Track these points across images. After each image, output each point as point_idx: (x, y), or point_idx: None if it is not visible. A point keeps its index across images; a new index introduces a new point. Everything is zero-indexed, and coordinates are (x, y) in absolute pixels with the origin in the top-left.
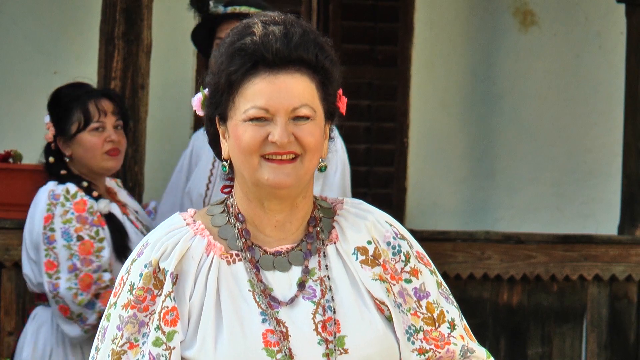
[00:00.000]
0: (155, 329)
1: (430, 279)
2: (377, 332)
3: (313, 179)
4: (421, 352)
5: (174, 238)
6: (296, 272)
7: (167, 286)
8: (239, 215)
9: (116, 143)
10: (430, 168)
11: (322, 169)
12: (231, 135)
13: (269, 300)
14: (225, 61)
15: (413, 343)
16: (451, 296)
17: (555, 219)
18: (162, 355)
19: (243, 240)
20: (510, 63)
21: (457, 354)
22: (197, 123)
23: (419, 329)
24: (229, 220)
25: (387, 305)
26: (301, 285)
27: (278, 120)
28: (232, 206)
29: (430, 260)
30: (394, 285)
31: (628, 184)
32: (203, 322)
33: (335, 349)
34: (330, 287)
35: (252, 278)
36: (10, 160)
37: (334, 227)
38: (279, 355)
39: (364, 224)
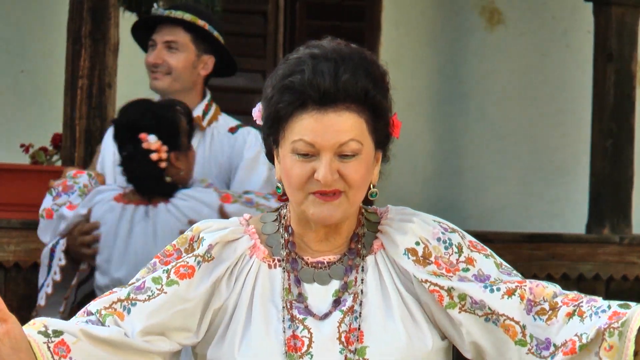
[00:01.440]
0: (163, 270)
1: (486, 263)
2: (399, 342)
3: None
4: (509, 293)
5: (225, 226)
6: (334, 285)
7: (199, 251)
8: (289, 228)
9: None
10: (397, 167)
11: (372, 195)
12: (282, 162)
13: (300, 309)
14: (275, 95)
15: (498, 290)
16: (514, 271)
17: (522, 217)
18: (151, 290)
19: (287, 250)
20: (476, 62)
21: (546, 287)
22: None
23: (496, 280)
24: (278, 229)
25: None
26: (337, 301)
27: (323, 157)
28: (284, 217)
29: (484, 246)
30: (451, 277)
31: (595, 182)
32: (234, 322)
33: (355, 357)
34: (361, 302)
35: (287, 286)
36: None
37: (376, 238)
38: None
39: (410, 226)
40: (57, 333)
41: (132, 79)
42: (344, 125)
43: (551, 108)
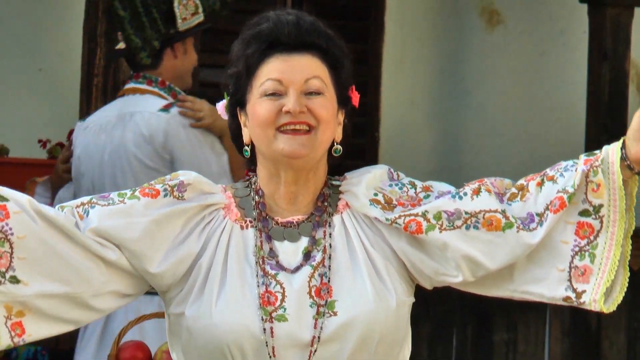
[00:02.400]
0: (130, 189)
1: (441, 185)
2: (366, 298)
3: (325, 158)
4: (476, 192)
5: (205, 180)
6: (304, 242)
7: (170, 183)
8: (259, 191)
9: None
10: (399, 162)
11: (336, 152)
12: (249, 115)
13: (272, 265)
14: (242, 47)
15: (465, 194)
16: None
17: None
18: (113, 199)
19: (258, 211)
20: (476, 61)
21: (503, 179)
22: None
23: (458, 189)
24: (249, 193)
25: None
26: (307, 255)
27: (291, 92)
28: (254, 183)
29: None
30: (418, 207)
31: None
32: (210, 280)
33: (325, 312)
34: (330, 255)
35: (259, 244)
36: None
37: (340, 199)
38: (273, 314)
39: (365, 180)
40: (3, 198)
41: None
42: (308, 65)
43: (548, 105)
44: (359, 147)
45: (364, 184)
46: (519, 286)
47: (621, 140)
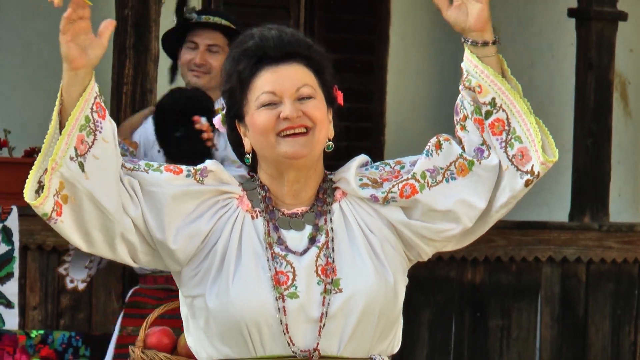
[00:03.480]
0: (158, 163)
1: (408, 157)
2: (367, 275)
3: (322, 155)
4: (437, 147)
5: (227, 171)
6: (308, 229)
7: (195, 167)
8: (264, 186)
9: None
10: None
11: (329, 147)
12: (249, 126)
13: (282, 248)
14: (233, 64)
15: (432, 151)
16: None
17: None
18: (139, 165)
19: (264, 204)
20: None
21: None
22: None
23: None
24: (255, 187)
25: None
26: (312, 239)
27: (286, 100)
28: (258, 179)
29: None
30: (401, 176)
31: (577, 177)
32: (226, 262)
33: (331, 290)
34: (332, 238)
35: (269, 232)
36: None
37: (336, 189)
38: (285, 292)
39: (354, 167)
40: (106, 105)
41: (169, 85)
42: (296, 73)
43: (538, 111)
44: (366, 150)
45: (353, 170)
46: (495, 206)
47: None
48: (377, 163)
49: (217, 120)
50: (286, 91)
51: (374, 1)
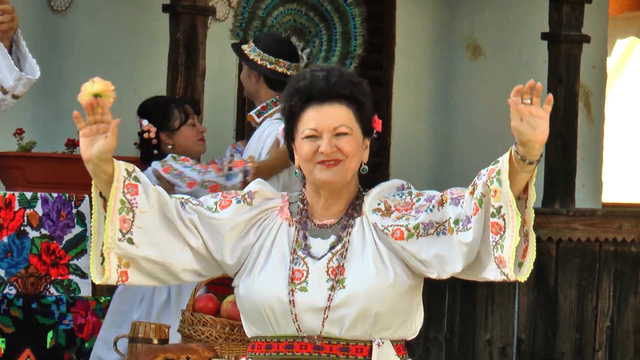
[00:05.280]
0: (214, 202)
1: (429, 192)
2: (369, 275)
3: (356, 177)
4: (440, 204)
5: (270, 188)
6: (332, 239)
7: (241, 192)
8: (304, 200)
9: (202, 133)
10: (406, 160)
11: (363, 170)
12: (296, 149)
13: (304, 253)
14: (288, 99)
15: (434, 207)
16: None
17: None
18: (202, 205)
19: (300, 216)
20: (463, 84)
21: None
22: (238, 128)
23: (433, 199)
24: (297, 201)
25: (411, 228)
26: (331, 247)
27: (324, 136)
28: (302, 194)
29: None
30: (410, 212)
31: (549, 171)
32: (258, 260)
33: (336, 287)
34: (347, 247)
35: (297, 239)
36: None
37: (363, 205)
38: (297, 287)
39: (374, 193)
40: (137, 179)
41: (214, 95)
42: (336, 114)
43: None
44: (373, 151)
45: (372, 195)
46: (478, 276)
47: (512, 148)
48: (405, 191)
49: (281, 129)
50: (325, 129)
51: (382, 26)
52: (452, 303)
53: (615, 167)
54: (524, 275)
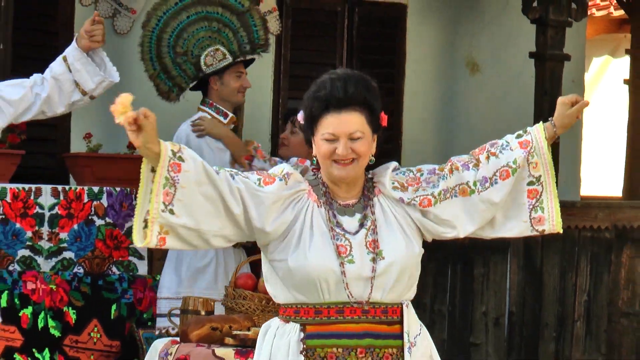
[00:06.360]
0: (257, 178)
1: (425, 165)
2: (401, 246)
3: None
4: (450, 171)
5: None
6: (357, 216)
7: (280, 175)
8: (325, 183)
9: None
10: (414, 159)
11: (371, 161)
12: (315, 145)
13: (341, 229)
14: (310, 103)
15: (446, 176)
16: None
17: None
18: (249, 179)
19: (325, 197)
20: (463, 95)
21: (460, 156)
22: (273, 134)
23: (441, 168)
24: (318, 184)
25: (431, 195)
26: (361, 224)
27: (341, 140)
28: (320, 177)
29: None
30: (421, 185)
31: None
32: (302, 237)
33: (377, 258)
34: (375, 223)
35: (330, 218)
36: None
37: (375, 187)
38: (345, 259)
39: (387, 175)
40: (181, 159)
41: (254, 105)
42: (352, 121)
43: (508, 125)
44: (388, 150)
45: (388, 176)
46: (498, 233)
47: (541, 124)
48: (403, 169)
49: (300, 115)
50: (342, 134)
51: (395, 46)
52: (453, 281)
53: (591, 165)
54: (560, 227)
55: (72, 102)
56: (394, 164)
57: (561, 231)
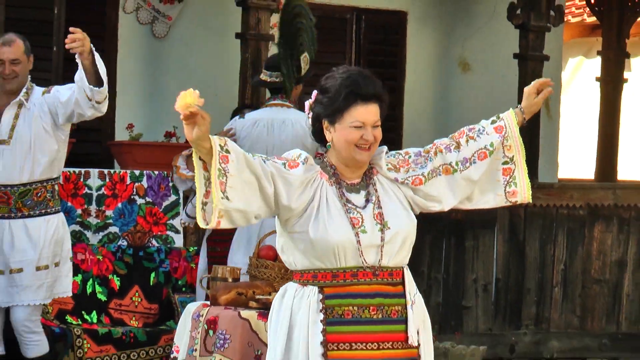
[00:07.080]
0: (282, 163)
1: (410, 149)
2: (402, 216)
3: None
4: (435, 153)
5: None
6: (362, 193)
7: (300, 159)
8: (332, 166)
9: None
10: (413, 146)
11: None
12: (338, 132)
13: (351, 204)
14: (338, 95)
15: (432, 158)
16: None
17: None
18: (278, 163)
19: (334, 177)
20: (456, 92)
21: (441, 140)
22: None
23: (426, 151)
24: (326, 166)
25: (417, 176)
26: (367, 200)
27: (367, 128)
28: (326, 160)
29: None
30: (411, 166)
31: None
32: (321, 211)
33: (384, 228)
34: (379, 198)
35: (340, 195)
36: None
37: (372, 168)
38: (359, 230)
39: (382, 158)
40: (227, 151)
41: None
42: (375, 111)
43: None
44: (391, 139)
45: (383, 160)
46: (476, 205)
47: (512, 111)
48: (393, 152)
49: (307, 105)
50: (368, 123)
51: (396, 49)
52: (447, 252)
53: (568, 151)
54: (530, 197)
55: (91, 105)
56: (385, 148)
57: (531, 201)
